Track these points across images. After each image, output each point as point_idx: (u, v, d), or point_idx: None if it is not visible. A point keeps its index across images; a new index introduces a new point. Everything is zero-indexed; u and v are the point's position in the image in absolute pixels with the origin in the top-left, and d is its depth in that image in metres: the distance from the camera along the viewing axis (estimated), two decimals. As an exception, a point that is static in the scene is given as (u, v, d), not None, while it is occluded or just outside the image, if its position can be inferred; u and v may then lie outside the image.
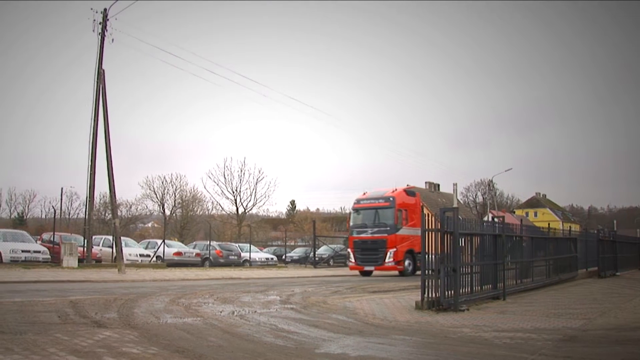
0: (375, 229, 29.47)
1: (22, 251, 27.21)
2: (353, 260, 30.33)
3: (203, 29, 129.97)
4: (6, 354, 6.58)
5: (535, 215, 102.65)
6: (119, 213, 42.29)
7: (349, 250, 31.05)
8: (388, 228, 29.10)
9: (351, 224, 30.85)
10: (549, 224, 25.00)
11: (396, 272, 29.76)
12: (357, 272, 30.99)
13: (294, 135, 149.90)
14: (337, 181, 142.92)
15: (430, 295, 12.88)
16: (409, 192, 31.59)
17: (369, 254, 29.40)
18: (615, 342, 9.25)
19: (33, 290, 14.25)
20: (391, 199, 29.38)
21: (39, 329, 8.46)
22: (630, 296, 17.81)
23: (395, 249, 28.67)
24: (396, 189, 30.53)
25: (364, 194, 31.30)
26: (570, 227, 32.27)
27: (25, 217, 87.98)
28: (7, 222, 76.71)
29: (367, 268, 29.77)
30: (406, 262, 29.43)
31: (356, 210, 30.85)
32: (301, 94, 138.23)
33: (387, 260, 28.60)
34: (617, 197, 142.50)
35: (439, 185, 77.19)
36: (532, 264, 19.61)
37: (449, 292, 12.91)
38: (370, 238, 29.52)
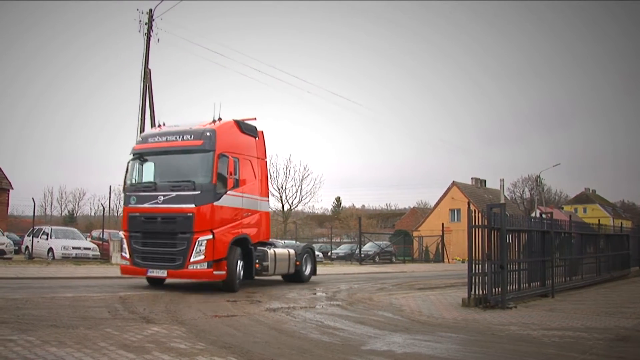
0: (173, 194, 14.53)
1: (73, 248, 27.75)
2: (127, 255, 15.02)
3: (246, 27, 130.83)
4: (60, 347, 6.75)
5: (585, 211, 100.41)
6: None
7: (121, 235, 15.75)
8: (197, 192, 14.31)
9: (127, 183, 15.58)
10: (599, 220, 24.36)
11: (212, 281, 14.99)
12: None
13: (339, 131, 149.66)
14: (383, 177, 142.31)
15: (477, 292, 12.74)
16: (244, 125, 16.42)
17: (157, 244, 14.68)
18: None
19: (84, 286, 14.58)
20: (207, 134, 14.68)
21: (90, 324, 8.65)
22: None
23: (211, 236, 14.12)
24: (219, 120, 15.60)
25: (159, 126, 16.41)
26: (621, 223, 31.44)
27: (75, 214, 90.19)
28: (58, 220, 78.77)
29: (152, 273, 14.58)
30: (234, 262, 14.88)
31: (138, 156, 15.63)
32: (346, 90, 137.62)
33: (193, 258, 14.07)
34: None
35: (485, 181, 76.13)
36: (582, 261, 19.20)
37: (496, 289, 12.74)
38: (161, 211, 14.62)
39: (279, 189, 66.69)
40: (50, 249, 27.78)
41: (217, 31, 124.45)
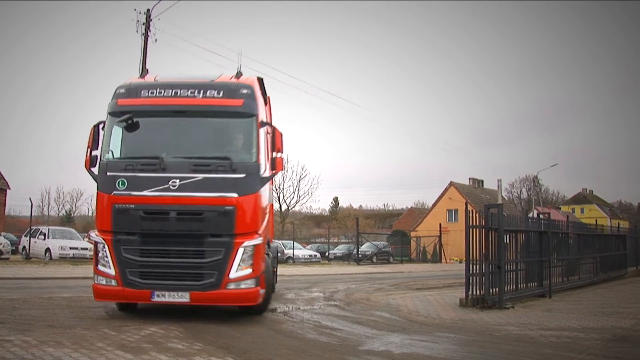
0: (198, 177, 9.44)
1: (70, 248, 27.73)
2: (110, 270, 9.34)
3: (245, 27, 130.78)
4: (57, 347, 6.75)
5: (582, 211, 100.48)
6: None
7: (97, 239, 9.63)
8: (241, 176, 9.50)
9: (104, 157, 9.74)
10: (596, 221, 24.42)
11: (237, 307, 10.41)
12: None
13: (338, 131, 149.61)
14: (381, 178, 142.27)
15: (474, 292, 12.75)
16: (263, 86, 11.61)
17: (169, 253, 9.42)
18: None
19: (81, 286, 14.55)
20: (244, 90, 9.94)
21: (87, 324, 8.66)
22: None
23: (260, 240, 9.70)
24: (238, 75, 10.57)
25: (144, 77, 10.81)
26: (618, 223, 31.51)
27: (72, 215, 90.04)
28: (55, 220, 78.66)
29: (162, 297, 9.31)
30: (271, 274, 11.46)
31: (127, 116, 9.79)
32: (345, 91, 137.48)
33: (235, 273, 9.33)
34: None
35: (482, 181, 76.13)
36: (579, 262, 19.23)
37: (494, 289, 12.75)
38: (177, 202, 9.41)
39: (276, 189, 66.72)
40: (48, 249, 27.73)
41: (216, 31, 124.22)
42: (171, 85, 9.82)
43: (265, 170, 9.83)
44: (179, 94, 9.74)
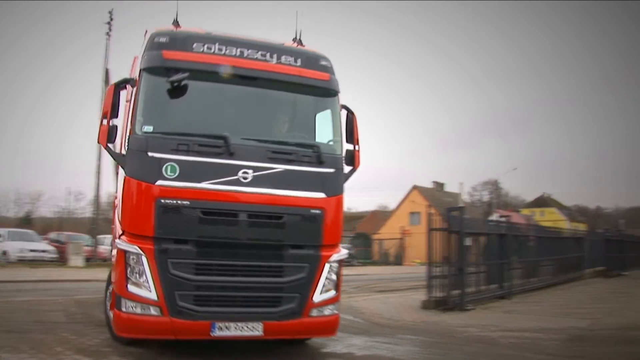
0: (279, 168, 7.02)
1: (30, 250, 27.24)
2: (149, 292, 6.51)
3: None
4: (13, 352, 6.62)
5: (542, 214, 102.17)
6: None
7: (125, 248, 6.61)
8: (330, 170, 7.34)
9: (140, 128, 6.70)
10: (555, 224, 24.90)
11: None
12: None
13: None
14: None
15: (436, 294, 12.87)
16: None
17: (236, 269, 6.83)
18: (623, 342, 9.24)
19: (40, 290, 14.31)
20: (325, 63, 7.59)
21: (46, 328, 8.49)
22: (637, 296, 17.74)
23: (345, 254, 8.05)
24: (299, 43, 8.03)
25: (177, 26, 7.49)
26: (576, 226, 32.12)
27: (32, 216, 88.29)
28: (14, 222, 77.00)
29: (227, 331, 6.69)
30: None
31: (176, 70, 6.77)
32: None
33: (320, 296, 7.27)
34: (623, 197, 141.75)
35: (445, 184, 77.02)
36: (539, 264, 19.55)
37: (455, 291, 12.89)
38: (251, 201, 6.87)
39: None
40: (5, 252, 27.14)
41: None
42: (234, 42, 7.23)
43: (346, 163, 7.69)
44: (245, 54, 7.17)
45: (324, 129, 7.63)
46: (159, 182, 6.51)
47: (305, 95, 7.56)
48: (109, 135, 6.75)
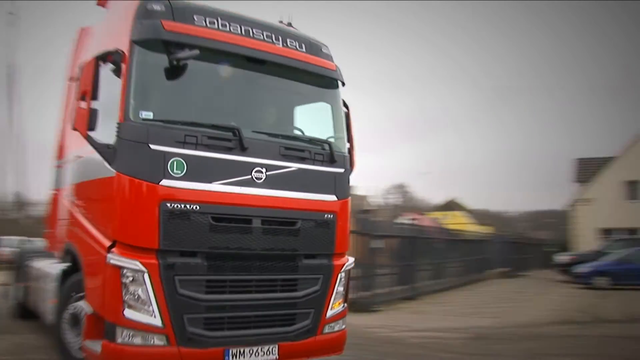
0: (292, 167, 5.98)
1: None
2: (155, 320, 5.19)
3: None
4: None
5: (449, 218, 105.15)
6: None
7: (126, 265, 5.15)
8: (340, 171, 6.46)
9: (136, 112, 5.30)
10: (462, 227, 25.75)
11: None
12: None
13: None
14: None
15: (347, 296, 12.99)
16: None
17: (249, 285, 5.74)
18: (523, 339, 9.66)
19: None
20: (326, 51, 6.72)
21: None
22: (536, 294, 18.62)
23: (352, 262, 6.83)
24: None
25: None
26: (481, 229, 33.30)
27: None
28: None
29: (242, 357, 5.62)
30: None
31: (178, 45, 5.42)
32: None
33: (333, 310, 6.44)
34: (530, 201, 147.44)
35: (355, 187, 77.89)
36: (446, 265, 20.13)
37: (366, 292, 13.07)
38: (266, 205, 5.77)
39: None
40: None
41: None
42: (237, 19, 6.02)
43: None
44: (252, 34, 6.01)
45: (326, 124, 6.63)
46: (164, 182, 5.24)
47: (308, 85, 6.51)
48: (90, 120, 5.36)
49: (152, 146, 5.19)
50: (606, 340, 10.05)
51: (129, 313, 5.11)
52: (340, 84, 6.66)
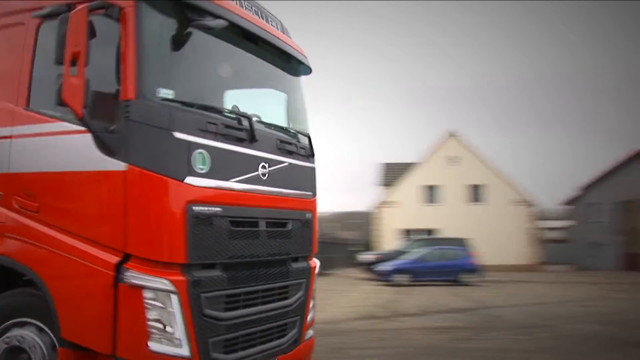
0: (285, 163, 5.19)
1: None
2: (182, 345, 4.06)
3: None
4: None
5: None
6: None
7: (150, 284, 3.96)
8: (312, 166, 5.85)
9: (149, 86, 4.06)
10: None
11: None
12: None
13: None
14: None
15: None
16: None
17: (255, 296, 4.84)
18: (327, 334, 9.67)
19: None
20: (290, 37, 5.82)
21: None
22: (340, 292, 19.07)
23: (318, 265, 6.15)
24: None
25: None
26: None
27: None
28: None
29: None
30: None
31: (202, 12, 4.29)
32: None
33: (309, 317, 5.75)
34: (334, 202, 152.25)
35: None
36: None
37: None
38: (269, 204, 5.00)
39: None
40: None
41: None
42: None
43: None
44: (254, 10, 5.17)
45: (299, 114, 5.91)
46: (189, 179, 4.12)
47: (283, 71, 5.66)
48: (87, 93, 3.93)
49: (176, 134, 4.06)
50: (403, 332, 10.70)
51: (154, 345, 3.97)
52: (310, 70, 5.95)
